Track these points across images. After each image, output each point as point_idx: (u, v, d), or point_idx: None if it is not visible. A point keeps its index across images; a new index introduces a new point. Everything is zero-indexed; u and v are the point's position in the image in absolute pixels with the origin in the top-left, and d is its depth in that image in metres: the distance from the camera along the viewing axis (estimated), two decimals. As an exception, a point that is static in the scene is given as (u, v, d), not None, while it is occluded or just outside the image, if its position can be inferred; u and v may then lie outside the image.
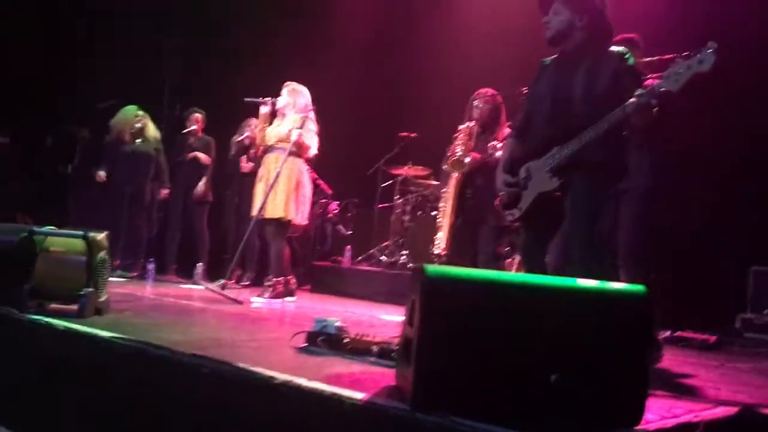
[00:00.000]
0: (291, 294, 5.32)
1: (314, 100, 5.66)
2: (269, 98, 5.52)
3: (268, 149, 5.46)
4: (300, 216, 5.37)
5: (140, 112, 6.94)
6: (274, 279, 5.29)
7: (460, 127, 5.14)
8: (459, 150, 4.98)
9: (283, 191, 5.21)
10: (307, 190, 5.47)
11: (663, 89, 2.79)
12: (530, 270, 3.23)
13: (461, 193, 4.93)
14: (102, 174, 6.94)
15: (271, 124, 5.57)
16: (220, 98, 7.73)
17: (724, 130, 5.56)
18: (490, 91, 5.06)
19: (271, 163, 5.39)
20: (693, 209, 5.30)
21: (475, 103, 5.05)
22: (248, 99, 5.68)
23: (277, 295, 5.21)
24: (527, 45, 3.41)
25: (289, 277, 5.42)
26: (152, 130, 6.96)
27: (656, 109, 2.90)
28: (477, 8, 7.52)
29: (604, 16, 3.19)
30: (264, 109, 5.53)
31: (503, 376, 1.82)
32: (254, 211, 5.47)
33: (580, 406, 1.81)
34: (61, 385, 2.63)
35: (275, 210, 5.22)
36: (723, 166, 5.60)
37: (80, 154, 8.16)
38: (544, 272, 3.32)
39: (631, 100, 2.86)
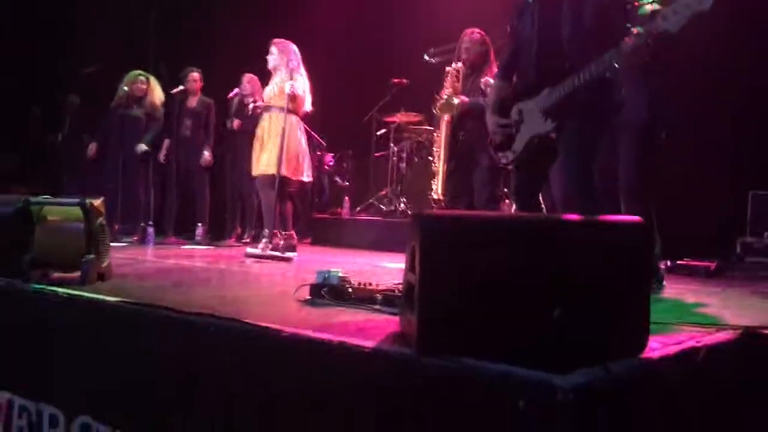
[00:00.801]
0: (293, 249, 5.34)
1: (303, 51, 5.61)
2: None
3: (265, 109, 5.56)
4: (297, 171, 5.38)
5: (142, 77, 6.82)
6: (268, 231, 5.33)
7: (448, 69, 5.09)
8: (447, 92, 4.94)
9: (275, 148, 5.25)
10: (302, 146, 5.47)
11: (662, 30, 2.73)
12: (524, 210, 3.24)
13: (453, 137, 4.91)
14: (92, 147, 6.92)
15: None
16: (209, 57, 7.61)
17: (719, 57, 5.50)
18: (477, 31, 5.00)
19: (265, 122, 5.47)
20: (690, 136, 5.27)
21: (463, 44, 4.99)
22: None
23: (274, 248, 5.23)
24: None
25: (290, 232, 5.46)
26: (152, 95, 6.84)
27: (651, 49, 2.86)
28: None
29: None
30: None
31: (506, 315, 1.84)
32: (253, 171, 5.51)
33: (584, 339, 1.83)
34: (68, 352, 2.66)
35: (267, 167, 5.31)
36: (719, 92, 5.55)
37: (70, 121, 8.08)
38: (538, 211, 3.33)
39: (627, 40, 2.80)
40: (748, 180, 5.57)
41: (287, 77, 5.35)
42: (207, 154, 6.93)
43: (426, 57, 5.37)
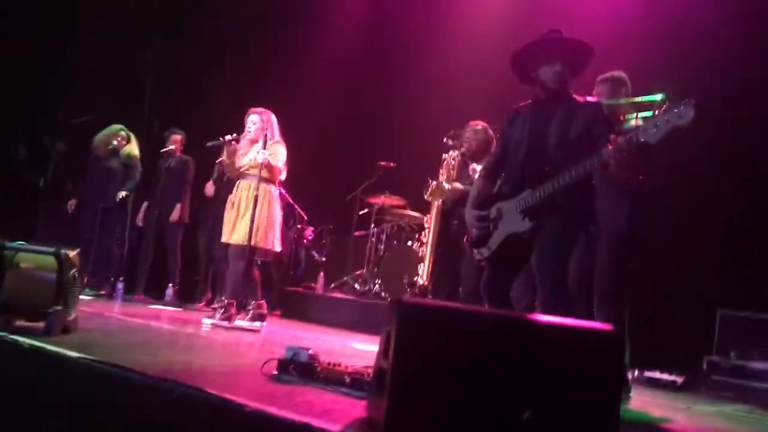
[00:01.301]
0: (262, 318, 5.26)
1: (294, 123, 5.67)
2: (230, 136, 5.35)
3: (240, 176, 5.41)
4: (269, 242, 5.27)
5: (123, 132, 6.93)
6: (227, 301, 5.17)
7: (445, 156, 5.17)
8: (441, 178, 5.02)
9: (249, 217, 5.15)
10: (276, 215, 5.37)
11: (642, 140, 2.84)
12: (493, 306, 3.25)
13: (444, 223, 4.94)
14: (72, 203, 6.99)
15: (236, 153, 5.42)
16: (199, 116, 7.72)
17: (694, 174, 5.69)
18: (481, 123, 5.11)
19: (243, 190, 5.34)
20: (664, 251, 5.38)
21: (465, 133, 5.08)
22: (210, 143, 5.49)
23: (228, 318, 5.06)
24: (509, 78, 3.46)
25: (260, 302, 5.36)
26: (129, 149, 6.92)
27: (641, 162, 2.96)
28: (459, 40, 7.64)
29: (576, 52, 3.24)
30: (230, 148, 5.38)
31: (476, 410, 1.82)
32: (224, 237, 5.38)
33: (551, 445, 1.82)
34: (25, 404, 2.57)
35: (239, 235, 5.18)
36: (693, 208, 5.71)
37: (54, 167, 8.07)
38: (509, 308, 3.35)
39: (607, 147, 2.91)
40: (718, 297, 5.65)
41: (266, 146, 5.26)
42: (175, 211, 6.98)
43: (445, 139, 5.45)
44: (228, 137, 5.31)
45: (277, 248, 5.44)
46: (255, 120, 5.41)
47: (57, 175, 7.94)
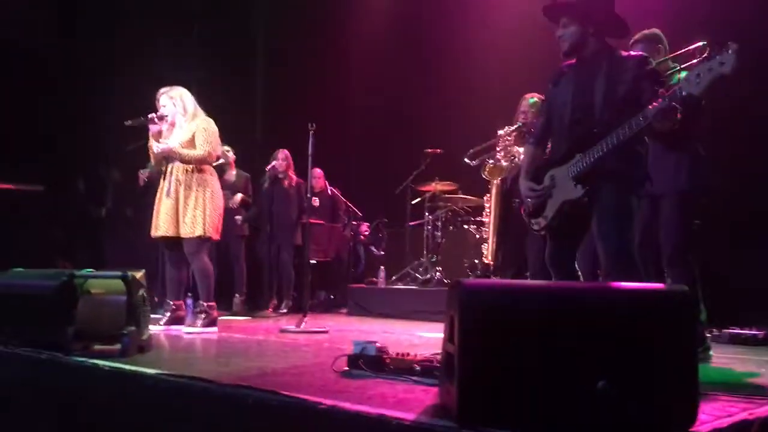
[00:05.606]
0: (214, 323, 4.83)
1: (339, 122, 5.62)
2: (154, 114, 4.82)
3: (169, 160, 4.85)
4: (215, 230, 4.84)
5: None
6: (206, 304, 4.81)
7: (500, 132, 5.07)
8: (499, 156, 4.93)
9: (193, 206, 4.72)
10: (218, 200, 4.90)
11: (684, 93, 2.75)
12: (559, 278, 3.20)
13: (505, 202, 4.86)
14: (142, 176, 7.00)
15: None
16: (245, 135, 7.81)
17: (757, 122, 5.47)
18: (536, 95, 5.01)
19: (171, 176, 4.81)
20: (734, 204, 5.21)
21: (521, 107, 4.96)
22: (129, 122, 4.89)
23: (211, 323, 4.77)
24: (552, 56, 3.38)
25: (212, 303, 4.87)
26: None
27: (679, 114, 2.88)
28: (500, 22, 7.50)
29: (614, 15, 3.16)
30: (155, 128, 4.84)
31: (548, 387, 1.80)
32: (162, 230, 4.77)
33: (631, 412, 1.78)
34: (110, 424, 2.66)
35: (193, 228, 4.70)
36: (762, 160, 5.49)
37: (112, 195, 8.31)
38: (575, 279, 3.29)
39: (652, 105, 2.83)
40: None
41: (190, 133, 4.77)
42: (238, 220, 7.09)
43: (466, 159, 5.41)
44: (151, 115, 4.81)
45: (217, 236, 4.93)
46: (164, 102, 4.88)
47: (116, 203, 8.17)
